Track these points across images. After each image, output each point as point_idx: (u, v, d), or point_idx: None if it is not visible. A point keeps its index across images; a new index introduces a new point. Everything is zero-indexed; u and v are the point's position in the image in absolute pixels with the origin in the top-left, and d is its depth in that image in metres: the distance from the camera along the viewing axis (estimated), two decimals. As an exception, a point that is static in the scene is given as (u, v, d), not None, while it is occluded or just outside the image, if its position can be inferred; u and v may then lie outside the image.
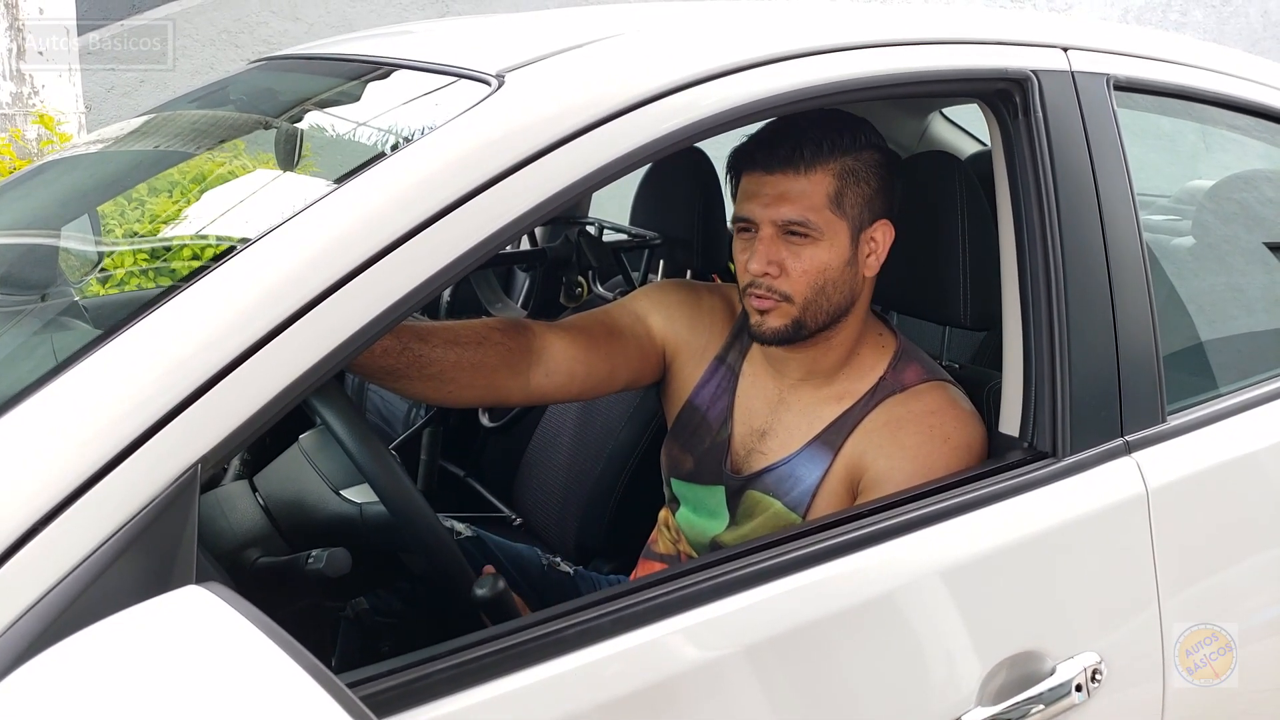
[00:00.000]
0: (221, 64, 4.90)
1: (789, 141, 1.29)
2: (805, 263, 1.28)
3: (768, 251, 1.28)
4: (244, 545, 1.16)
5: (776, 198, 1.28)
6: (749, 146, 1.33)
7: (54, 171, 1.72)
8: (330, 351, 0.83)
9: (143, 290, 2.00)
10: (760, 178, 1.30)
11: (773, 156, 1.29)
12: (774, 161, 1.29)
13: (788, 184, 1.28)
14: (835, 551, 1.04)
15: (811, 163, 1.28)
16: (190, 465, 0.77)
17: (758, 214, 1.30)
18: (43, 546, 0.72)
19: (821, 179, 1.28)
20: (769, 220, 1.29)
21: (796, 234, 1.28)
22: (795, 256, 1.28)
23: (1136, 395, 1.24)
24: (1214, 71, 1.46)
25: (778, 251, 1.29)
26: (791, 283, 1.29)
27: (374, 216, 0.85)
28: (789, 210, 1.28)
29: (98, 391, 0.78)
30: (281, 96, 1.48)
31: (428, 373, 1.23)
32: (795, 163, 1.28)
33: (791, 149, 1.28)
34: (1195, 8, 7.10)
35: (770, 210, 1.29)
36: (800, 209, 1.28)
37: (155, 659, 0.63)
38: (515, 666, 0.85)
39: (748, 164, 1.32)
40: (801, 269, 1.28)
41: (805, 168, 1.28)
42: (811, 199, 1.28)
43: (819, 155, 1.28)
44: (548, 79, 0.99)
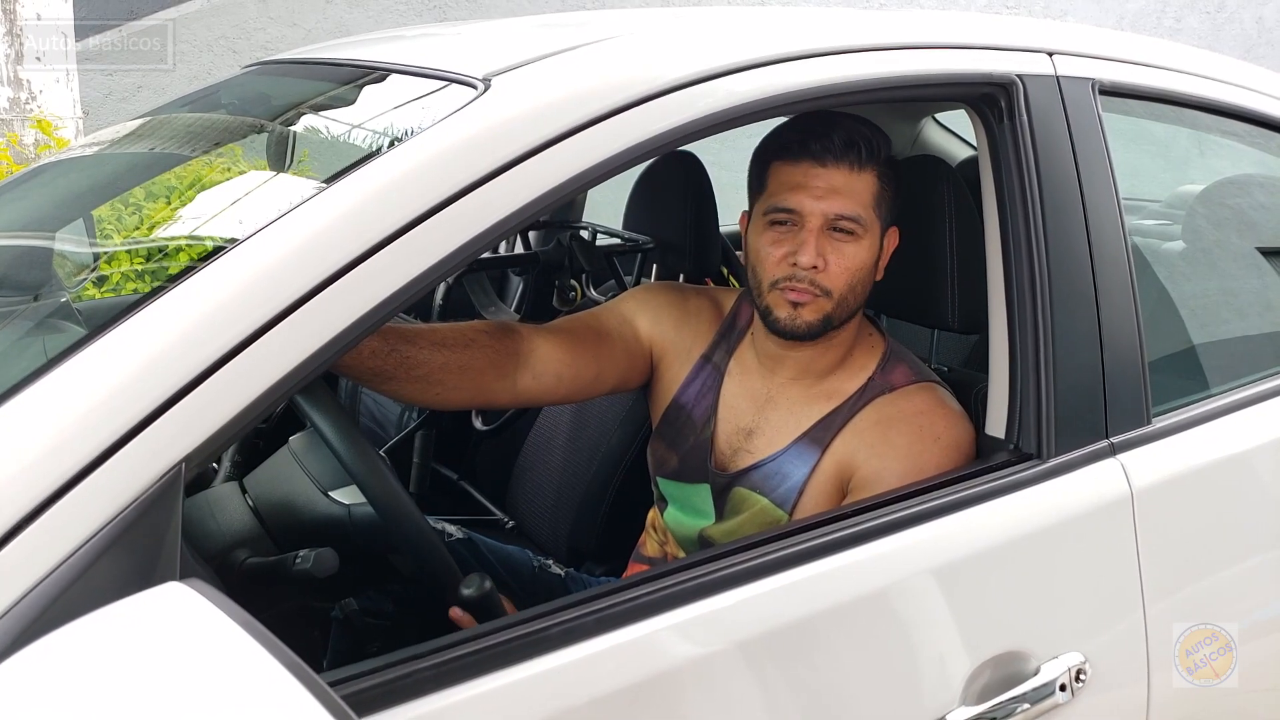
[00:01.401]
0: (219, 70, 4.91)
1: (843, 135, 1.27)
2: (848, 260, 1.28)
3: (818, 245, 1.27)
4: (233, 546, 1.17)
5: (830, 191, 1.26)
6: (795, 136, 1.29)
7: (48, 175, 1.72)
8: (315, 351, 0.84)
9: (137, 293, 2.01)
10: (811, 168, 1.27)
11: (828, 148, 1.26)
12: (829, 153, 1.26)
13: (842, 178, 1.27)
14: (821, 551, 1.05)
15: (866, 161, 1.27)
16: (174, 464, 0.77)
17: (808, 205, 1.27)
18: (27, 543, 0.73)
19: (870, 179, 1.28)
20: (820, 213, 1.27)
21: (843, 230, 1.27)
22: (838, 253, 1.28)
23: (1121, 397, 1.25)
24: (1200, 76, 1.47)
25: (824, 245, 1.27)
26: (832, 278, 1.28)
27: (359, 218, 0.86)
28: (843, 205, 1.27)
29: (82, 390, 0.78)
30: (275, 100, 1.49)
31: (415, 374, 1.23)
32: (851, 158, 1.27)
33: (847, 144, 1.26)
34: (1190, 14, 7.12)
35: (824, 203, 1.26)
36: (854, 205, 1.27)
37: (136, 654, 0.64)
38: (497, 665, 0.85)
39: (793, 153, 1.29)
40: (844, 265, 1.28)
41: (860, 165, 1.27)
42: (862, 196, 1.28)
43: (872, 154, 1.28)
44: (533, 82, 1.00)
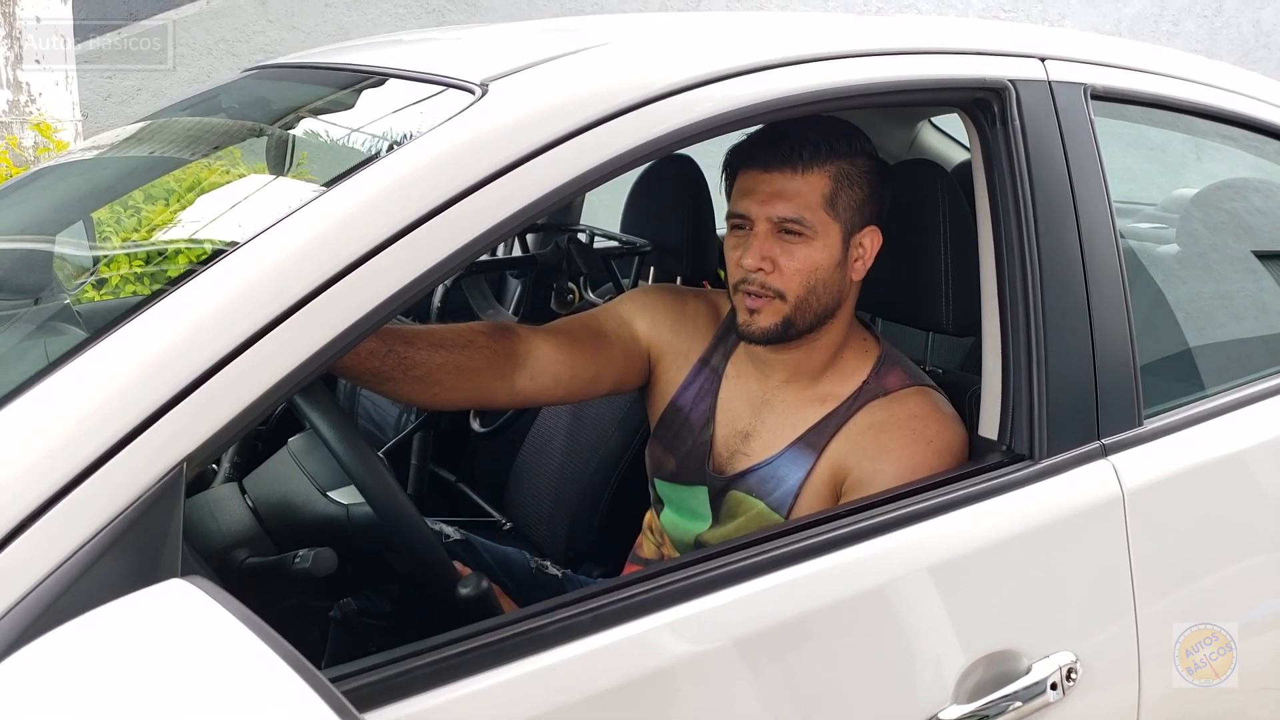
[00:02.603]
0: (219, 72, 4.92)
1: (787, 141, 1.30)
2: (798, 261, 1.30)
3: (762, 247, 1.30)
4: (233, 546, 1.18)
5: (773, 195, 1.30)
6: (747, 145, 1.34)
7: (47, 179, 1.73)
8: (314, 353, 0.85)
9: (137, 296, 2.02)
10: (757, 175, 1.32)
11: (771, 155, 1.31)
12: (772, 160, 1.30)
13: (784, 182, 1.30)
14: (814, 550, 1.06)
15: (809, 163, 1.30)
16: (176, 463, 0.78)
17: (753, 210, 1.31)
18: (32, 542, 0.74)
19: (818, 180, 1.30)
20: (764, 217, 1.30)
21: (791, 232, 1.30)
22: (788, 254, 1.30)
23: (1113, 399, 1.26)
24: (1192, 82, 1.48)
25: (771, 248, 1.30)
26: (784, 280, 1.30)
27: (357, 222, 0.87)
28: (785, 208, 1.30)
29: (86, 391, 0.80)
30: (273, 104, 1.50)
31: (413, 375, 1.25)
32: (793, 162, 1.30)
33: (790, 149, 1.30)
34: (1187, 18, 7.14)
35: (766, 207, 1.30)
36: (796, 207, 1.30)
37: (140, 649, 0.65)
38: (493, 663, 0.87)
39: (745, 162, 1.34)
40: (794, 267, 1.30)
41: (803, 168, 1.30)
42: (807, 198, 1.30)
43: (816, 156, 1.30)
44: (530, 88, 1.01)
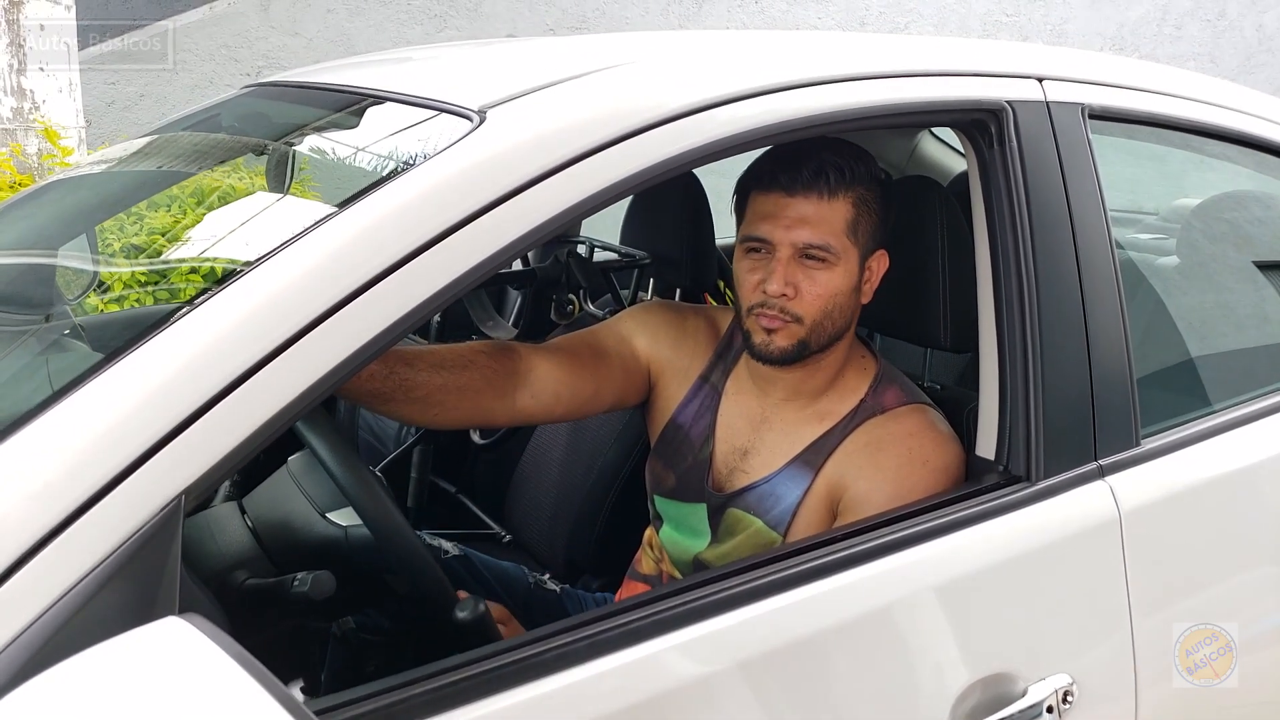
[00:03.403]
0: (221, 78, 4.93)
1: (810, 165, 1.29)
2: (820, 287, 1.30)
3: (786, 273, 1.29)
4: (232, 567, 1.18)
5: (798, 220, 1.29)
6: (765, 167, 1.33)
7: (53, 194, 1.75)
8: (314, 382, 0.86)
9: (139, 307, 2.04)
10: (780, 199, 1.30)
11: (796, 179, 1.29)
12: (796, 185, 1.29)
13: (810, 208, 1.29)
14: (812, 575, 1.06)
15: (835, 189, 1.29)
16: (174, 496, 0.79)
17: (777, 235, 1.30)
18: (32, 574, 0.74)
19: (842, 206, 1.30)
20: (789, 242, 1.29)
21: (814, 258, 1.30)
22: (810, 280, 1.30)
23: (1110, 419, 1.26)
24: (1189, 99, 1.48)
25: (794, 274, 1.30)
26: (804, 305, 1.30)
27: (354, 253, 0.88)
28: (811, 234, 1.29)
29: (86, 423, 0.80)
30: (271, 125, 1.51)
31: (413, 396, 1.25)
32: (819, 187, 1.29)
33: (815, 173, 1.29)
34: (1190, 22, 7.14)
35: (792, 233, 1.29)
36: (822, 234, 1.29)
37: (136, 688, 0.66)
38: (491, 690, 0.87)
39: (763, 184, 1.32)
40: (816, 292, 1.30)
41: (829, 193, 1.29)
42: (832, 224, 1.30)
43: (842, 182, 1.30)
44: (525, 116, 1.01)
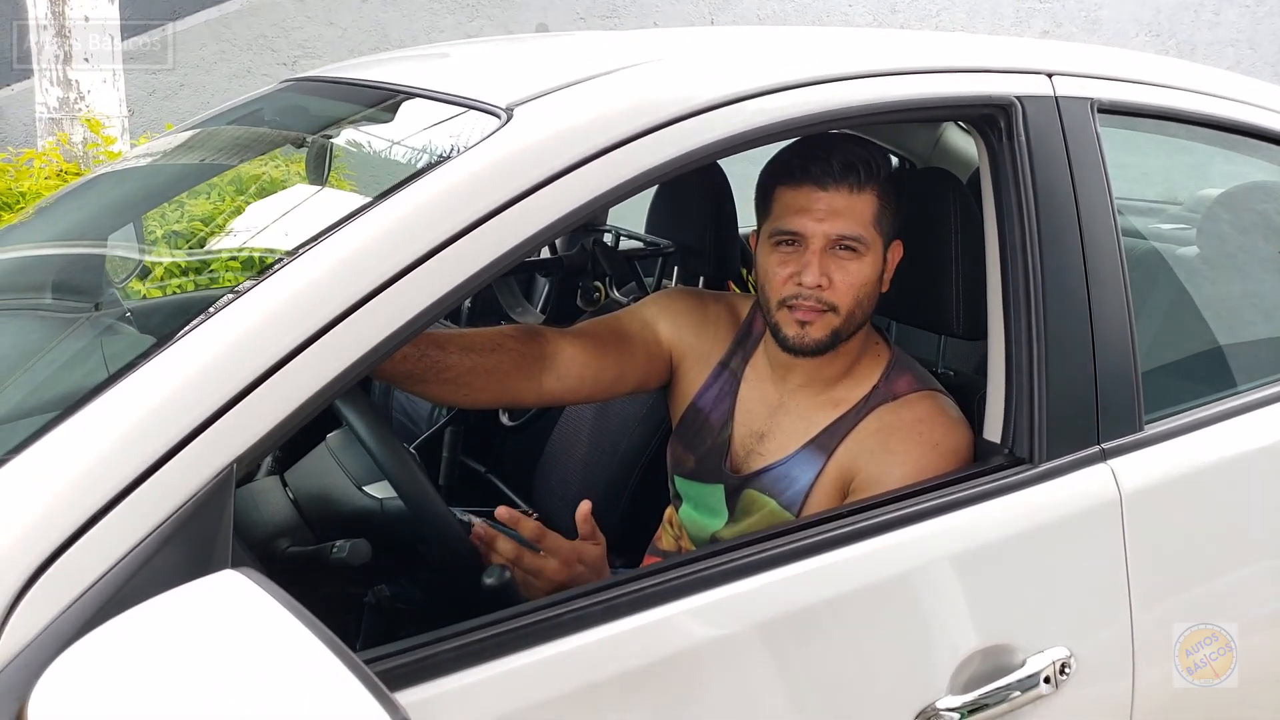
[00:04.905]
0: (259, 68, 5.03)
1: (839, 159, 1.34)
2: (852, 276, 1.35)
3: (821, 264, 1.34)
4: (275, 535, 1.26)
5: (831, 213, 1.34)
6: (793, 161, 1.37)
7: (100, 186, 1.83)
8: (354, 362, 0.93)
9: (183, 292, 2.13)
10: (813, 193, 1.34)
11: (827, 173, 1.33)
12: (828, 178, 1.34)
13: (842, 200, 1.34)
14: (822, 546, 1.12)
15: (865, 181, 1.34)
16: (227, 465, 0.86)
17: (810, 228, 1.34)
18: (100, 535, 0.82)
19: (869, 198, 1.35)
20: (822, 234, 1.34)
21: (847, 249, 1.34)
22: (843, 270, 1.35)
23: (1113, 405, 1.30)
24: (1199, 93, 1.51)
25: (828, 265, 1.34)
26: (838, 295, 1.35)
27: (388, 243, 0.95)
28: (844, 225, 1.34)
29: (146, 399, 0.88)
30: (308, 120, 1.58)
31: (444, 377, 1.32)
32: (850, 181, 1.33)
33: (846, 167, 1.33)
34: (1228, 8, 7.05)
35: (825, 224, 1.34)
36: (853, 225, 1.34)
37: (195, 633, 0.73)
38: (514, 648, 0.94)
39: (791, 178, 1.36)
40: (849, 282, 1.35)
41: (859, 186, 1.34)
42: (861, 216, 1.34)
43: (870, 175, 1.34)
44: (552, 113, 1.07)
